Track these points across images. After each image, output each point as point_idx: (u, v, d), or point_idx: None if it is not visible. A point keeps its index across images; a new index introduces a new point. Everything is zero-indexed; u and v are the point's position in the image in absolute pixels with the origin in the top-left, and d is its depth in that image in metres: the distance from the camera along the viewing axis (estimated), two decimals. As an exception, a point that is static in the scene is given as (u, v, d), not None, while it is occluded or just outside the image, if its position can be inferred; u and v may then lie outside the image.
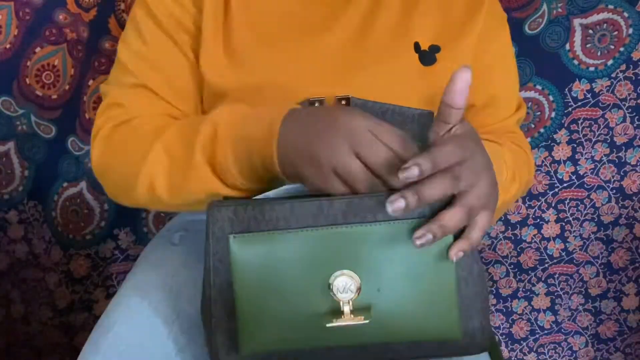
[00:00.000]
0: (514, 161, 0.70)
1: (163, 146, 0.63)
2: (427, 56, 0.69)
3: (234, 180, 0.59)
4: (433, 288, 0.55)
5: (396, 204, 0.49)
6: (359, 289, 0.54)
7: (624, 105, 1.09)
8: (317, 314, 0.54)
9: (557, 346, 1.27)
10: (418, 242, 0.51)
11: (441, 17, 0.72)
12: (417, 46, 0.69)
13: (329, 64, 0.69)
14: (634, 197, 1.15)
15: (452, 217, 0.51)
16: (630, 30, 1.05)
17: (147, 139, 0.65)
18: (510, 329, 1.26)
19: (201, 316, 0.60)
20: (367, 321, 0.53)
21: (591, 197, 1.15)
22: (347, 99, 0.61)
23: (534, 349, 1.27)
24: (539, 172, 1.15)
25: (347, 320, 0.53)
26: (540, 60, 1.07)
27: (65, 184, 1.08)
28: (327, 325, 0.53)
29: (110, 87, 0.73)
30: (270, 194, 0.58)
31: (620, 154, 1.12)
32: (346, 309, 0.53)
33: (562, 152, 1.13)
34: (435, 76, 0.69)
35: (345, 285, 0.54)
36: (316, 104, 0.61)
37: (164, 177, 0.63)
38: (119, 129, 0.69)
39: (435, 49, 0.69)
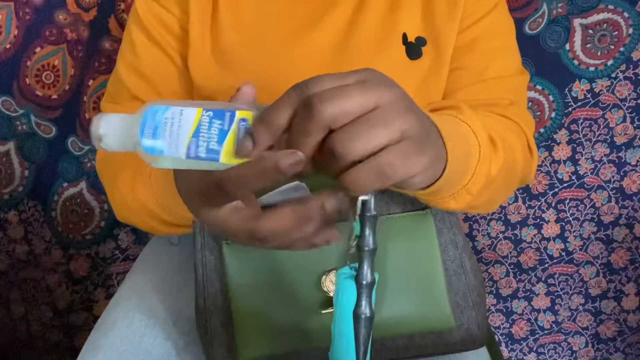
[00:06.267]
0: (499, 130, 0.58)
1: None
2: (414, 48, 0.69)
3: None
4: (423, 279, 0.57)
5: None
6: None
7: (624, 105, 1.09)
8: (312, 310, 0.55)
9: (557, 346, 1.27)
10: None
11: (425, 8, 0.70)
12: (404, 37, 0.69)
13: (318, 63, 0.68)
14: (634, 197, 1.14)
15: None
16: (630, 30, 1.05)
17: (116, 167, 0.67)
18: (510, 329, 1.26)
19: (197, 329, 0.59)
20: None
21: (591, 197, 1.15)
22: None
23: (534, 349, 1.27)
24: (539, 172, 1.15)
25: None
26: (540, 60, 1.07)
27: (65, 184, 1.08)
28: (323, 311, 0.54)
29: (107, 104, 0.74)
30: (266, 197, 0.59)
31: (620, 154, 1.12)
32: None
33: (562, 152, 1.13)
34: (422, 71, 0.68)
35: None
36: None
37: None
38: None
39: (421, 41, 0.69)
